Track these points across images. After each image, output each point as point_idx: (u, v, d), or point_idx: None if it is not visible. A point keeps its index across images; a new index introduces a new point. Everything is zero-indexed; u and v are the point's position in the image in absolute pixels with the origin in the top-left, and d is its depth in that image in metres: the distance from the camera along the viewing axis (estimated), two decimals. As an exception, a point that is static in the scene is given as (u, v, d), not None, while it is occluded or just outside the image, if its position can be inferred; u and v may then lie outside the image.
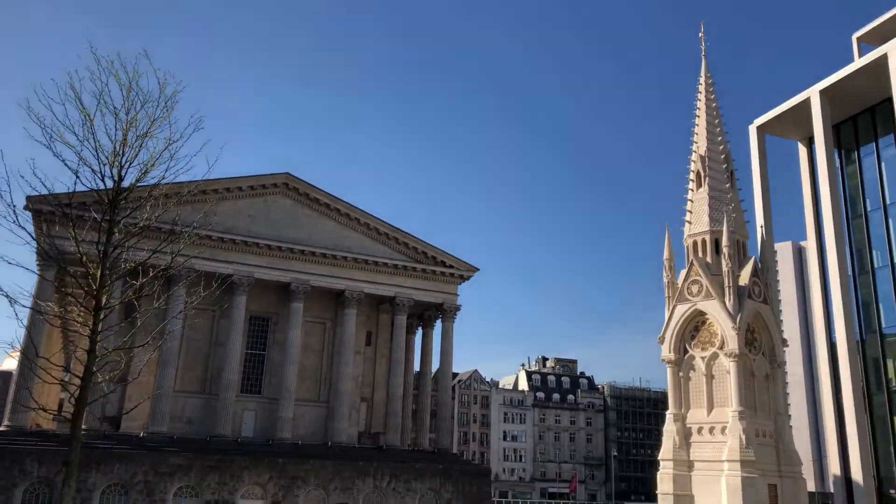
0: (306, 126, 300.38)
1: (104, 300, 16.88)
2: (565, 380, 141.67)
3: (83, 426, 46.92)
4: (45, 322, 43.12)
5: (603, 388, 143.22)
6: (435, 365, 64.91)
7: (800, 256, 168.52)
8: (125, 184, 17.63)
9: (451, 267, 60.09)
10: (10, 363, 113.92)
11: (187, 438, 48.58)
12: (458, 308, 60.69)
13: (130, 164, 17.66)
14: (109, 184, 17.65)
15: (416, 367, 66.36)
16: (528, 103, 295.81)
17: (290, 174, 56.32)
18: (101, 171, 17.51)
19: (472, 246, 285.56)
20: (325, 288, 55.84)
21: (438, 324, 62.18)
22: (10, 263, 17.61)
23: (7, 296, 16.65)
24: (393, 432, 56.44)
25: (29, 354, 25.05)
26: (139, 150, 17.63)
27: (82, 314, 17.50)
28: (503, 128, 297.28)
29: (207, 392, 51.96)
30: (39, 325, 42.60)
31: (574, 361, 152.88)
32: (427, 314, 62.93)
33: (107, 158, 17.38)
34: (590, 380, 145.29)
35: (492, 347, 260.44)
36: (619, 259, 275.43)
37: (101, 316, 16.81)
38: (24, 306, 17.50)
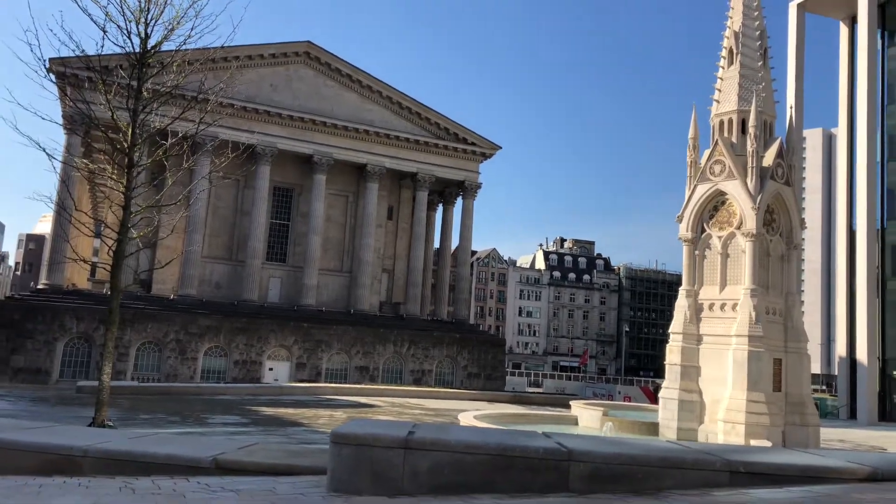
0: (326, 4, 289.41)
1: (136, 158, 17.40)
2: (582, 260, 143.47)
3: (116, 287, 49.04)
4: (76, 181, 44.21)
5: (619, 268, 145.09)
6: (455, 241, 65.98)
7: (829, 144, 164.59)
8: (151, 42, 17.66)
9: (473, 144, 59.74)
10: (43, 227, 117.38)
11: (215, 302, 50.67)
12: (479, 186, 60.89)
13: (156, 21, 17.60)
14: (136, 42, 17.69)
15: (436, 243, 67.50)
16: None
17: (312, 43, 55.20)
18: (126, 28, 17.53)
19: (494, 127, 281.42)
20: (348, 161, 56.06)
21: (459, 201, 62.63)
22: (43, 119, 17.91)
23: (45, 151, 17.14)
24: (413, 303, 58.35)
25: (67, 207, 25.88)
26: (164, 7, 17.51)
27: (115, 171, 17.97)
28: (527, 10, 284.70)
29: (234, 259, 53.63)
30: (71, 184, 43.69)
31: (591, 243, 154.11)
32: (448, 191, 63.27)
33: (132, 15, 17.33)
34: (606, 261, 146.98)
35: (511, 227, 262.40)
36: (641, 142, 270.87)
37: (135, 174, 17.39)
38: (58, 160, 17.94)
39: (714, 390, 21.89)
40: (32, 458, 7.80)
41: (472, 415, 23.48)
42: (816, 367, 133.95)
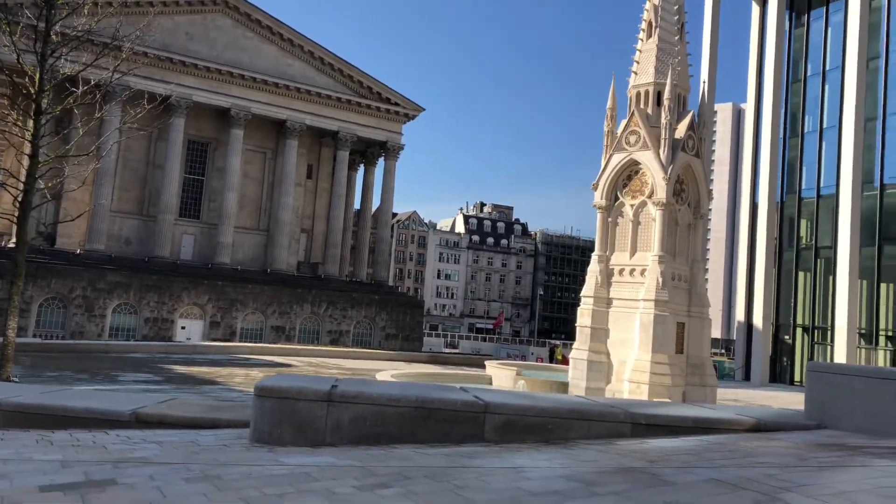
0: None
1: (44, 105, 16.49)
2: (500, 225, 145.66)
3: (16, 240, 46.67)
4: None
5: (535, 234, 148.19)
6: (376, 203, 65.72)
7: (738, 119, 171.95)
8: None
9: (396, 104, 59.29)
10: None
11: (125, 258, 48.92)
12: (401, 147, 60.63)
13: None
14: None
15: (357, 204, 67.06)
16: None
17: (232, -9, 53.09)
18: (33, -34, 16.45)
19: (417, 90, 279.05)
20: (267, 117, 54.65)
21: (381, 162, 62.26)
22: None
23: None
24: (331, 263, 58.02)
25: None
26: (76, -55, 16.48)
27: (20, 118, 17.01)
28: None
29: (145, 214, 51.73)
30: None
31: (510, 208, 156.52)
32: (370, 151, 62.74)
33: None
34: (524, 226, 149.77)
35: (432, 191, 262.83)
36: (562, 112, 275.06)
37: (43, 122, 16.48)
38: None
39: (621, 352, 23.01)
40: (-62, 412, 7.60)
41: (390, 374, 23.86)
42: (718, 332, 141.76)
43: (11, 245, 46.37)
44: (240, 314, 49.96)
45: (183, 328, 47.94)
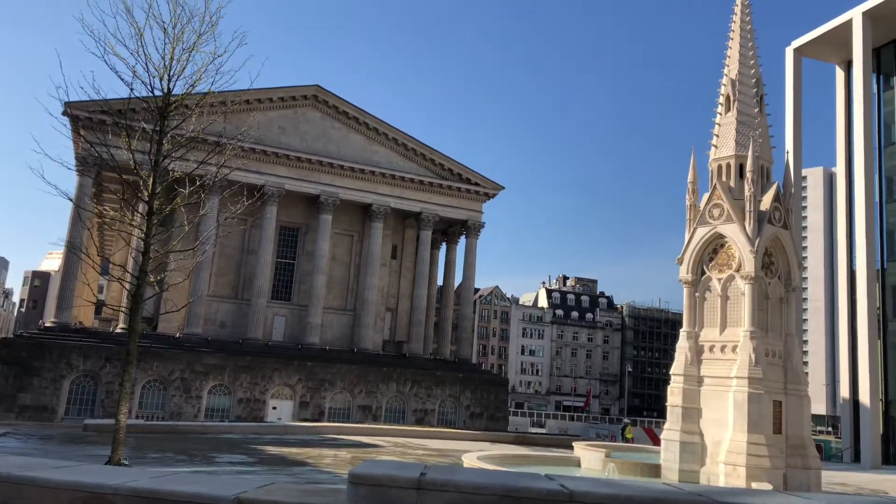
0: (337, 39, 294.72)
1: (156, 206, 18.12)
2: (585, 298, 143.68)
3: (123, 325, 49.61)
4: (87, 222, 45.10)
5: (621, 307, 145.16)
6: (458, 280, 66.55)
7: (830, 183, 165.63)
8: (174, 94, 18.50)
9: (476, 184, 60.69)
10: (49, 264, 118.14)
11: (220, 340, 51.05)
12: (481, 225, 61.67)
13: (178, 77, 18.54)
14: (157, 92, 18.55)
15: (440, 281, 68.06)
16: (551, 24, 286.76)
17: (320, 86, 56.53)
18: (150, 84, 18.44)
19: (499, 164, 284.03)
20: (354, 201, 56.95)
21: (462, 240, 63.38)
22: (55, 162, 18.63)
23: (70, 199, 17.86)
24: (416, 341, 58.66)
25: (77, 247, 26.49)
26: (186, 64, 18.46)
27: (133, 216, 18.65)
28: (529, 51, 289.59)
29: (239, 297, 54.16)
30: (82, 224, 44.61)
31: (594, 281, 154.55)
32: (451, 230, 64.03)
33: (156, 71, 18.27)
34: (609, 299, 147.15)
35: (514, 265, 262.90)
36: (643, 183, 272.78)
37: (155, 221, 18.09)
38: (83, 209, 18.63)
39: (715, 432, 22.14)
40: (66, 495, 8.25)
41: (476, 455, 23.69)
42: (821, 408, 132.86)
43: (119, 330, 49.36)
44: (328, 394, 50.91)
45: (274, 408, 49.17)
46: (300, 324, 54.80)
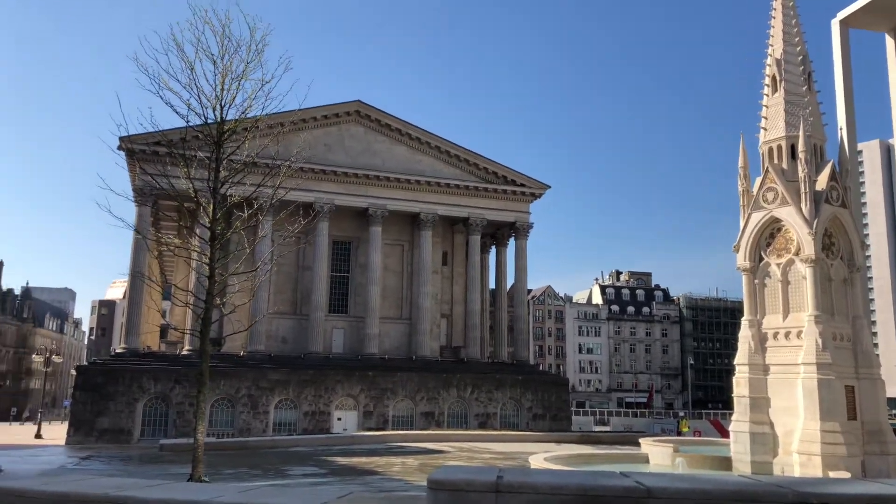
0: (370, 48, 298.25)
1: (217, 231, 18.88)
2: (640, 292, 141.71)
3: (189, 347, 51.18)
4: (147, 250, 46.75)
5: (678, 299, 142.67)
6: (510, 282, 66.51)
7: (888, 155, 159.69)
8: (226, 121, 19.30)
9: (522, 185, 60.68)
10: (113, 293, 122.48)
11: (282, 356, 52.18)
12: (530, 226, 61.61)
13: (230, 105, 19.30)
14: (210, 121, 19.34)
15: (492, 284, 68.14)
16: (596, 11, 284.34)
17: (362, 102, 57.37)
18: (203, 114, 19.22)
19: (544, 162, 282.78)
20: (401, 211, 57.58)
21: (512, 242, 63.42)
22: (117, 194, 19.44)
23: (136, 230, 18.71)
24: (472, 346, 58.89)
25: (140, 274, 27.54)
26: (237, 93, 19.21)
27: (196, 242, 19.42)
28: (573, 42, 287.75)
29: (298, 313, 55.27)
30: (143, 253, 46.21)
31: (648, 274, 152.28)
32: (500, 233, 64.13)
33: (208, 101, 19.05)
34: (665, 292, 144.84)
35: (564, 264, 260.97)
36: (692, 170, 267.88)
37: (217, 245, 18.84)
38: (146, 238, 19.54)
39: (786, 421, 21.72)
40: (162, 513, 8.75)
41: (542, 457, 23.74)
42: (893, 390, 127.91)
43: (185, 352, 50.93)
44: (390, 402, 51.51)
45: (339, 419, 50.00)
46: (358, 335, 55.61)
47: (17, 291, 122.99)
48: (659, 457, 24.80)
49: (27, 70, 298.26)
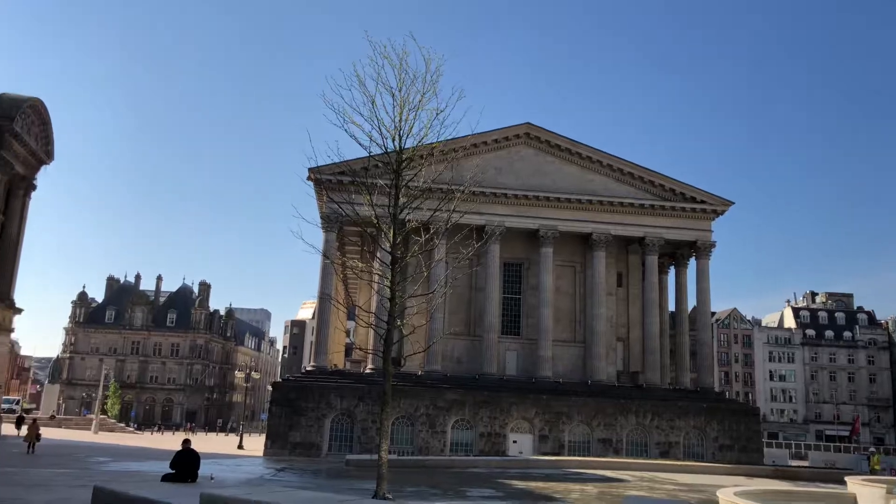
0: (543, 71, 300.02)
1: (397, 254, 19.86)
2: (839, 315, 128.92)
3: (371, 366, 53.75)
4: (333, 273, 49.91)
5: (886, 323, 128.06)
6: (690, 304, 63.22)
7: None
8: (405, 147, 20.41)
9: (702, 202, 57.73)
10: (303, 313, 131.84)
11: (458, 376, 53.15)
12: (712, 245, 58.37)
13: (407, 135, 20.36)
14: (390, 148, 20.53)
15: (670, 307, 65.18)
16: (776, 17, 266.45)
17: (531, 124, 57.65)
18: (383, 145, 20.42)
19: (727, 176, 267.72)
20: (573, 232, 56.88)
21: (692, 262, 60.39)
22: (307, 222, 21.08)
23: (326, 257, 20.09)
24: (651, 371, 56.55)
25: (325, 300, 29.51)
26: (413, 123, 20.22)
27: (379, 266, 20.52)
28: (753, 52, 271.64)
29: (472, 334, 56.17)
30: (330, 276, 49.18)
31: (849, 295, 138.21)
32: (679, 252, 61.34)
33: (388, 132, 20.22)
34: (869, 314, 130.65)
35: (750, 284, 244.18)
36: (892, 169, 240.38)
37: (397, 268, 19.79)
38: (332, 262, 21.02)
39: None
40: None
41: (732, 490, 22.19)
42: None
43: (368, 371, 53.51)
44: (566, 427, 50.66)
45: (514, 442, 49.92)
46: (531, 357, 55.39)
47: (222, 312, 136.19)
48: (869, 498, 22.26)
49: (239, 113, 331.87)
